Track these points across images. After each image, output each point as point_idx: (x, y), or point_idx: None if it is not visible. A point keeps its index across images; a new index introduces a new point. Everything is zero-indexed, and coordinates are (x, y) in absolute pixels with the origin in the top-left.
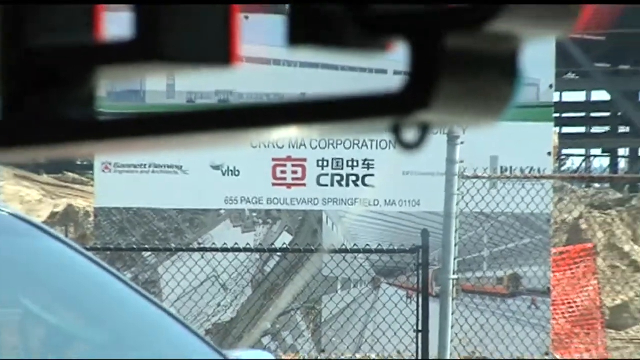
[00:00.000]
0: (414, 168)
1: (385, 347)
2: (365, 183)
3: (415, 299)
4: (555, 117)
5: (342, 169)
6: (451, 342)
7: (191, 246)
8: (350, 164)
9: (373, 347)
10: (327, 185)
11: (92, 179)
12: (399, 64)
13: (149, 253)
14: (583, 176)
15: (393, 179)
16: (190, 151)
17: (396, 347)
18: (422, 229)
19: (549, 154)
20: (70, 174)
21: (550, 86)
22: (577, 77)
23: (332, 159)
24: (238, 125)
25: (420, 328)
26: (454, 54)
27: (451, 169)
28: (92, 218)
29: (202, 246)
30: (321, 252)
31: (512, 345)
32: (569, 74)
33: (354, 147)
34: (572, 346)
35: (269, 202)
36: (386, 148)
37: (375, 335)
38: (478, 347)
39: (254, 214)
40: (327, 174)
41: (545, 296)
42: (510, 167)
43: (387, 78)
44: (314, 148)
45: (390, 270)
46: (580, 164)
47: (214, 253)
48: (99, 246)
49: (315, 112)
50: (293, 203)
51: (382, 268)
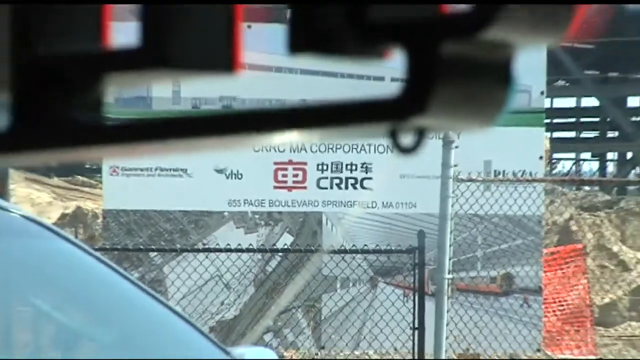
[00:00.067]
0: (410, 171)
1: (383, 344)
2: (364, 186)
3: (412, 297)
4: (546, 123)
5: (342, 172)
6: (446, 339)
7: (196, 247)
8: (349, 167)
9: (371, 344)
10: (327, 188)
11: (101, 182)
12: (397, 71)
13: (155, 253)
14: (573, 179)
15: (390, 182)
16: (195, 155)
17: (393, 344)
18: (419, 231)
19: (540, 158)
20: (79, 177)
21: (542, 93)
22: (567, 84)
23: (332, 162)
24: (241, 130)
25: (416, 326)
26: (449, 61)
27: (446, 172)
28: (101, 220)
29: (206, 247)
30: (321, 252)
31: (505, 342)
32: (559, 81)
33: (352, 152)
34: (563, 343)
35: (271, 205)
36: (384, 152)
37: (373, 333)
38: (472, 344)
39: (257, 215)
40: (326, 178)
41: (537, 295)
42: (504, 171)
43: (385, 85)
44: (314, 152)
45: (387, 270)
46: (571, 167)
47: (218, 253)
48: (107, 247)
49: (316, 117)
50: (294, 205)
51: (379, 268)
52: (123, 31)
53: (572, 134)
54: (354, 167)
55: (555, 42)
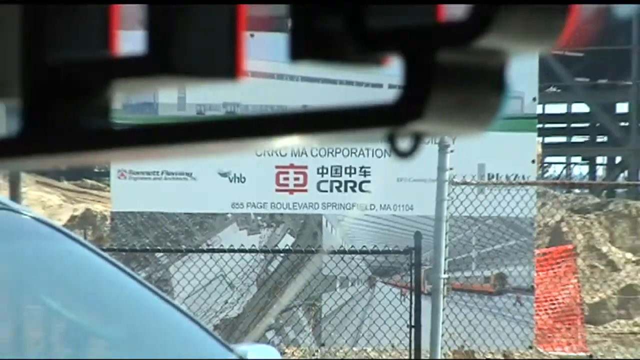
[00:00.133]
0: (407, 175)
1: (381, 342)
2: (362, 189)
3: (409, 296)
4: (538, 128)
5: (341, 176)
6: (442, 336)
7: (201, 247)
8: (348, 171)
9: (369, 342)
10: (326, 191)
11: (109, 185)
12: (394, 78)
13: (161, 254)
14: (564, 183)
15: (388, 185)
16: (199, 159)
17: (391, 342)
18: (415, 232)
19: (532, 162)
20: (88, 180)
21: (534, 99)
22: (558, 90)
23: (332, 166)
24: (244, 135)
25: (413, 324)
26: (445, 69)
27: (442, 176)
28: (109, 221)
29: (210, 247)
30: (321, 253)
31: (498, 340)
32: (551, 88)
33: (351, 156)
34: (554, 340)
35: (273, 207)
36: (382, 156)
37: (371, 330)
38: (467, 342)
39: (259, 217)
40: (326, 181)
41: (529, 294)
42: (497, 174)
43: (383, 92)
44: (315, 156)
45: (385, 270)
46: (562, 171)
47: (221, 254)
48: (115, 248)
49: (316, 122)
50: (295, 207)
51: (377, 268)
52: (130, 40)
53: (563, 138)
54: (353, 171)
55: (547, 49)
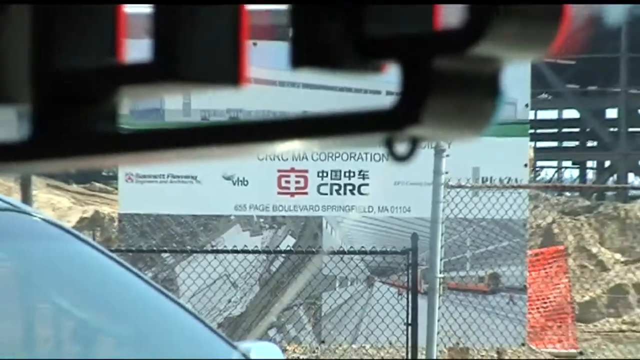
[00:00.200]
0: (404, 178)
1: (379, 339)
2: (361, 192)
3: (406, 295)
4: (530, 133)
5: (340, 179)
6: (438, 334)
7: (205, 248)
8: (347, 174)
9: (368, 339)
10: (326, 194)
11: (117, 188)
12: (392, 85)
13: (167, 254)
14: (555, 186)
15: (386, 188)
16: (204, 163)
17: (388, 339)
18: (412, 233)
19: (525, 165)
20: (97, 183)
21: (527, 105)
22: (550, 97)
23: (331, 170)
24: (247, 140)
25: (410, 322)
26: (441, 75)
27: (438, 179)
28: (117, 223)
29: (215, 248)
30: (321, 253)
31: (492, 337)
32: (543, 94)
33: (350, 160)
34: (546, 338)
35: (275, 209)
36: (380, 160)
37: (369, 328)
38: (462, 339)
39: (261, 219)
40: (326, 184)
41: (522, 293)
42: (491, 178)
43: (381, 98)
44: (315, 160)
45: (383, 270)
46: (553, 175)
47: (225, 254)
48: (123, 248)
49: (317, 127)
50: (296, 210)
51: (375, 268)
52: (137, 48)
53: (554, 143)
54: (352, 174)
55: (539, 57)
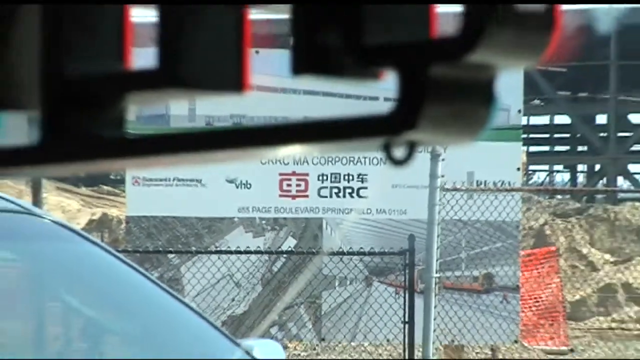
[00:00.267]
0: (402, 182)
1: (377, 337)
2: (360, 195)
3: (403, 295)
4: (523, 138)
5: (340, 182)
6: (434, 332)
7: (209, 249)
8: (346, 178)
9: (366, 336)
10: (326, 197)
11: (124, 192)
12: (390, 91)
13: (173, 255)
14: (547, 189)
15: (384, 191)
16: (208, 167)
17: (386, 337)
18: (409, 235)
19: (518, 169)
20: (105, 187)
21: (519, 111)
22: (542, 103)
23: (331, 173)
24: (250, 144)
25: (406, 320)
26: (438, 82)
27: (434, 182)
28: (124, 225)
29: (218, 249)
30: (321, 254)
31: (486, 335)
32: (535, 100)
33: (350, 164)
34: (538, 335)
35: (277, 211)
36: (378, 164)
37: (368, 326)
38: (457, 337)
39: (264, 221)
40: (326, 187)
41: (515, 292)
42: (485, 181)
43: (379, 104)
44: (316, 164)
45: (381, 270)
46: (545, 178)
47: (229, 255)
48: (130, 249)
49: (317, 132)
50: (297, 212)
51: (374, 268)
52: (143, 55)
53: (546, 148)
54: (351, 178)
55: (532, 64)
